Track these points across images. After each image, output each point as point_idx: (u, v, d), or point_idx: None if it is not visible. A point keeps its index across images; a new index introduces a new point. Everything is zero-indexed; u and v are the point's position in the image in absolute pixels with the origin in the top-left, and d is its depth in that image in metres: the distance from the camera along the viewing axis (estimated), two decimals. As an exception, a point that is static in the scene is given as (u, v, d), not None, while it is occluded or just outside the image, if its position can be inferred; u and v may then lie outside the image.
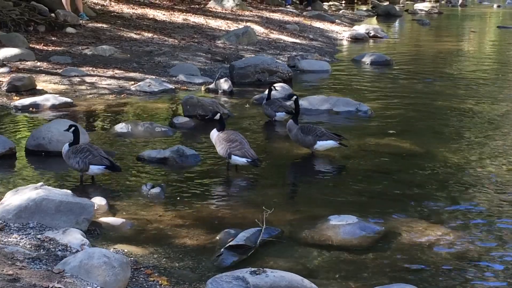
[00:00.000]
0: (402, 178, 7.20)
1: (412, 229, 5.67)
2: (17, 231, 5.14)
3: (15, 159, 7.40)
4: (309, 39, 18.55)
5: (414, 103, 11.05)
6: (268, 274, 4.24)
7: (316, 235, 5.49)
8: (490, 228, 5.84)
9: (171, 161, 7.33)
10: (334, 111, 9.98)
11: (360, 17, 27.97)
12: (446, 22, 30.30)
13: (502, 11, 38.17)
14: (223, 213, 6.07)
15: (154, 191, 6.35)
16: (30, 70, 11.65)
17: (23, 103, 9.56)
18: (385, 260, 5.18)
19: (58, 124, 7.76)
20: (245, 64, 12.52)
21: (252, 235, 5.30)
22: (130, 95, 10.77)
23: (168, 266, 4.94)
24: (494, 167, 7.50)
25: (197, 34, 16.87)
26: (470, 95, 11.77)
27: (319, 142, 7.62)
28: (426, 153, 8.06)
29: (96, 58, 13.00)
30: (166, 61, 13.36)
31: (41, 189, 5.51)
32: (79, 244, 4.96)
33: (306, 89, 11.96)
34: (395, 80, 13.27)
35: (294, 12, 24.37)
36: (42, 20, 15.26)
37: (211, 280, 4.27)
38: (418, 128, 9.40)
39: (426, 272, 5.00)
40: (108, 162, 6.53)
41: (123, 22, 17.26)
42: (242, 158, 6.96)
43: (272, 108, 9.27)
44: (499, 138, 8.77)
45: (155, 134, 8.48)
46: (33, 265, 4.46)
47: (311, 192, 6.76)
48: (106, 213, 5.87)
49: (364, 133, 8.92)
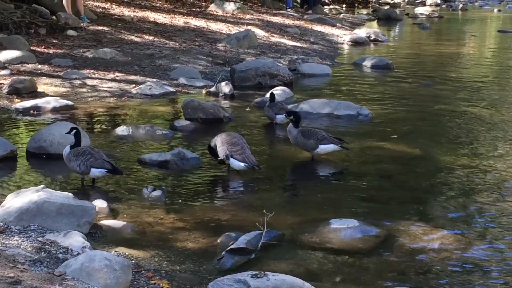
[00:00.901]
0: (403, 181, 7.20)
1: (413, 233, 5.67)
2: (18, 234, 5.14)
3: (16, 162, 7.40)
4: (310, 42, 18.56)
5: (415, 106, 11.06)
6: (269, 277, 4.24)
7: (317, 239, 5.49)
8: (492, 232, 5.84)
9: (172, 164, 7.33)
10: (335, 115, 9.99)
11: (360, 20, 27.99)
12: (446, 26, 30.33)
13: (502, 15, 38.18)
14: (224, 216, 6.07)
15: (155, 194, 6.36)
16: (31, 73, 11.66)
17: (24, 106, 9.57)
18: (386, 263, 5.17)
19: (59, 126, 7.77)
20: (246, 68, 12.53)
21: (253, 238, 5.29)
22: (131, 98, 10.78)
23: (169, 269, 4.94)
24: (495, 171, 7.49)
25: (198, 37, 16.89)
26: (471, 99, 11.77)
27: (321, 146, 7.62)
28: (427, 157, 8.07)
29: (97, 61, 13.01)
30: (167, 64, 13.37)
31: (42, 192, 5.51)
32: (80, 246, 4.96)
33: (307, 93, 11.96)
34: (396, 84, 13.28)
35: (295, 16, 24.38)
36: (43, 23, 15.28)
37: (212, 283, 4.27)
38: (419, 131, 9.40)
39: (427, 275, 5.00)
40: (110, 165, 6.53)
41: (124, 25, 17.28)
42: (240, 163, 6.96)
43: (273, 110, 9.28)
44: (500, 142, 8.78)
45: (156, 137, 8.48)
46: (34, 267, 4.46)
47: (312, 195, 6.76)
48: (107, 216, 5.86)
49: (365, 136, 8.93)
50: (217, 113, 9.44)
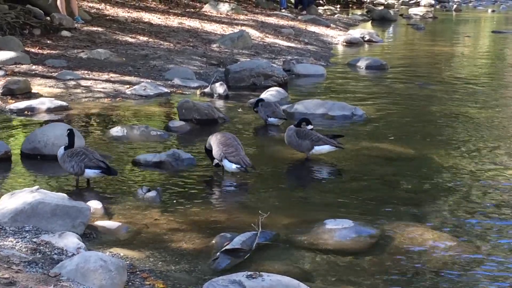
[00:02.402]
0: (397, 182, 7.21)
1: (408, 233, 5.68)
2: (13, 235, 5.13)
3: (10, 163, 7.38)
4: (304, 43, 18.59)
5: (409, 107, 11.09)
6: (264, 278, 4.24)
7: (312, 239, 5.49)
8: (488, 232, 5.85)
9: (166, 165, 7.32)
10: (330, 115, 10.00)
11: (355, 21, 28.03)
12: (440, 26, 30.40)
13: (496, 16, 38.30)
14: (219, 216, 6.07)
15: (150, 194, 6.35)
16: (25, 74, 11.64)
17: (19, 107, 9.55)
18: (381, 264, 5.18)
19: (53, 127, 7.76)
20: (240, 68, 12.54)
21: (248, 238, 5.29)
22: (125, 98, 10.77)
23: (165, 270, 4.93)
24: (490, 171, 7.51)
25: (192, 38, 16.89)
26: (465, 99, 11.81)
27: (316, 147, 7.63)
28: (422, 157, 8.08)
29: (91, 62, 13.00)
30: (162, 64, 13.37)
31: (37, 193, 5.51)
32: (75, 247, 4.95)
33: (302, 93, 11.98)
34: (390, 84, 13.31)
35: (289, 16, 24.40)
36: (38, 24, 15.26)
37: (208, 284, 4.27)
38: (413, 132, 9.42)
39: (422, 276, 5.01)
40: (104, 165, 6.52)
41: (119, 26, 17.26)
42: (233, 165, 6.93)
43: (265, 112, 9.28)
44: (495, 142, 8.79)
45: (151, 137, 8.48)
46: (29, 268, 4.45)
47: (306, 196, 6.77)
48: (102, 216, 5.86)
49: (360, 137, 8.94)
50: (212, 113, 9.44)
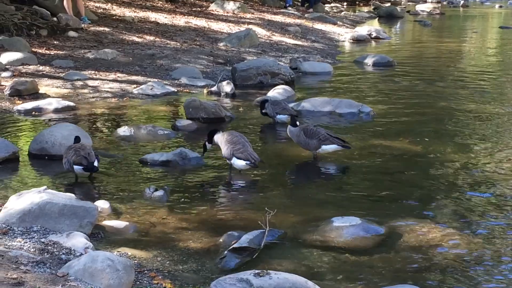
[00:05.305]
0: (405, 179, 7.19)
1: (415, 230, 5.66)
2: (21, 235, 5.15)
3: (18, 163, 7.41)
4: (311, 41, 18.56)
5: (417, 104, 11.03)
6: (272, 276, 4.24)
7: (319, 237, 5.49)
8: (497, 229, 5.82)
9: (174, 164, 7.33)
10: (337, 113, 9.98)
11: (361, 18, 27.96)
12: (448, 23, 30.30)
13: (504, 11, 38.15)
14: (226, 215, 6.07)
15: (157, 194, 6.36)
16: (32, 74, 11.67)
17: (26, 107, 9.58)
18: (389, 261, 5.17)
19: (60, 128, 7.78)
20: (247, 67, 12.53)
21: (256, 237, 5.29)
22: (132, 98, 10.78)
23: (172, 269, 4.94)
24: (499, 169, 7.48)
25: (199, 37, 16.89)
26: (473, 96, 11.75)
27: (323, 147, 7.61)
28: (429, 155, 8.05)
29: (98, 62, 13.02)
30: (168, 64, 13.38)
31: (44, 193, 5.52)
32: (82, 247, 4.96)
33: (308, 91, 11.97)
34: (398, 81, 13.26)
35: (295, 14, 24.37)
36: (44, 24, 15.28)
37: (215, 283, 4.27)
38: (421, 129, 9.39)
39: (430, 273, 5.00)
40: (86, 162, 6.51)
41: (125, 26, 17.28)
42: (243, 161, 6.97)
43: (274, 109, 9.27)
44: (504, 139, 8.75)
45: (158, 137, 8.49)
46: (37, 268, 4.47)
47: (313, 194, 6.76)
48: (110, 216, 5.87)
49: (367, 134, 8.92)
50: (219, 112, 9.44)
